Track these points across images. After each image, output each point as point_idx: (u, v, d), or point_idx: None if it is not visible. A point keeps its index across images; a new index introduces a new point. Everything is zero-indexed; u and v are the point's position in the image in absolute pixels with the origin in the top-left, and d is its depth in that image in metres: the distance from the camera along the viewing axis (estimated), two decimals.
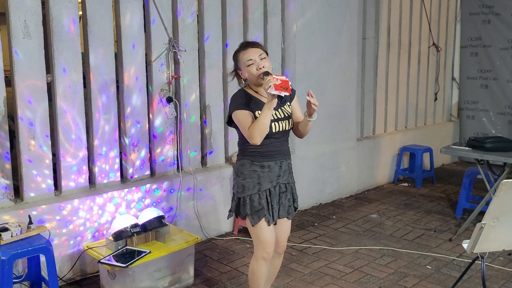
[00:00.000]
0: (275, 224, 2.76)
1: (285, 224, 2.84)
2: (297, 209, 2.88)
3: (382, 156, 6.16)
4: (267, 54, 2.68)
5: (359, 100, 5.87)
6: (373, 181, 6.07)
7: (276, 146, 2.70)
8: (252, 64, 2.61)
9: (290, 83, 2.55)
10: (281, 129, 2.68)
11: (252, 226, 2.70)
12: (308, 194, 5.22)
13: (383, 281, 3.57)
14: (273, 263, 2.94)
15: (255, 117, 2.60)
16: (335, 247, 4.19)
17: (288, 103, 2.74)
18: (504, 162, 4.27)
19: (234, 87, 4.51)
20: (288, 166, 2.78)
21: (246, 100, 2.66)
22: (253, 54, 2.63)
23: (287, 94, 2.48)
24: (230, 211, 2.82)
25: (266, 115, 2.52)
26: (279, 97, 2.49)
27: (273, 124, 2.63)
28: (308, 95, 2.58)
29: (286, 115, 2.72)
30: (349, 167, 5.66)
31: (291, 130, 2.82)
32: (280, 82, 2.48)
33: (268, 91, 2.46)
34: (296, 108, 2.83)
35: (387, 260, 3.93)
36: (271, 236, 2.72)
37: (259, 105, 2.65)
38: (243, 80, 2.75)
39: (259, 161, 2.68)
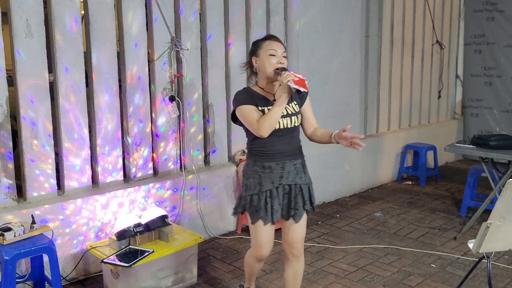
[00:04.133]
0: (273, 223, 2.69)
1: (295, 227, 2.72)
2: (314, 211, 2.81)
3: (386, 154, 6.13)
4: None
5: (362, 98, 5.85)
6: (376, 180, 6.05)
7: (277, 146, 2.62)
8: (274, 55, 2.58)
9: (307, 82, 2.52)
10: (282, 127, 2.60)
11: (252, 224, 2.70)
12: None
13: (387, 280, 3.56)
14: (293, 268, 2.82)
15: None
16: (338, 246, 4.18)
17: (295, 102, 2.69)
18: (508, 160, 4.24)
19: (236, 84, 4.52)
20: (295, 166, 2.68)
21: (250, 96, 2.63)
22: (278, 47, 2.61)
23: (306, 90, 2.50)
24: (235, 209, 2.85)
25: (280, 107, 2.51)
26: (297, 91, 2.49)
27: None
28: (355, 140, 2.55)
29: (290, 112, 2.64)
30: (353, 165, 5.64)
31: (303, 130, 2.79)
32: (298, 79, 2.49)
33: (287, 83, 2.46)
34: (308, 111, 2.78)
35: (391, 259, 3.92)
36: (267, 238, 2.72)
37: (264, 102, 2.63)
38: (254, 72, 2.70)
39: (260, 161, 2.65)
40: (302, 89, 2.47)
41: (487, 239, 2.37)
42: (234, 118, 2.74)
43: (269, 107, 2.60)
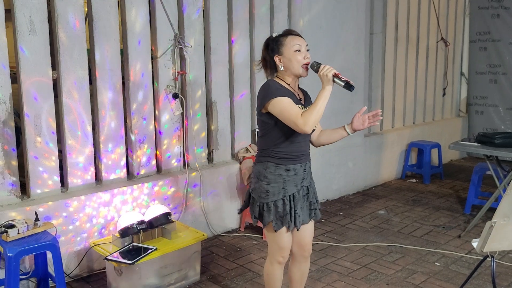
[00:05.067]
0: (297, 229, 2.60)
1: (308, 227, 2.68)
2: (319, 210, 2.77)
3: (390, 152, 6.11)
4: None
5: (366, 95, 5.83)
6: (380, 177, 6.03)
7: (302, 147, 2.55)
8: (300, 51, 2.47)
9: (341, 75, 2.40)
10: None
11: (275, 231, 2.56)
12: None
13: (390, 278, 3.55)
14: (301, 268, 2.80)
15: None
16: (342, 244, 4.17)
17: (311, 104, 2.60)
18: None
19: (240, 82, 4.51)
20: (310, 167, 2.66)
21: (285, 90, 2.47)
22: (301, 42, 2.50)
23: (353, 83, 2.36)
24: (254, 217, 2.62)
25: (325, 100, 2.36)
26: (347, 84, 2.35)
27: None
28: (376, 115, 2.57)
29: None
30: (356, 163, 5.63)
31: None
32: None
33: (334, 78, 2.35)
34: None
35: (395, 257, 3.90)
36: (289, 241, 2.64)
37: (295, 99, 2.49)
38: (277, 68, 2.53)
39: (284, 164, 2.51)
40: (352, 82, 2.34)
41: (491, 238, 2.35)
42: (259, 112, 2.53)
43: (299, 106, 2.47)
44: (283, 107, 2.40)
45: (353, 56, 5.36)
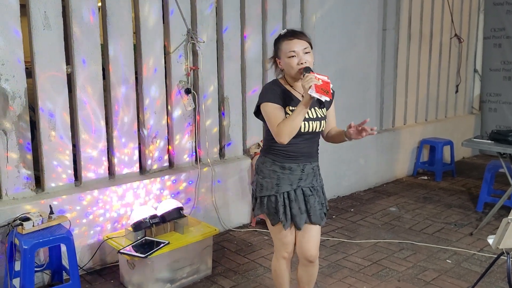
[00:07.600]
0: (298, 229, 2.60)
1: (312, 230, 2.62)
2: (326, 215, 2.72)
3: (402, 149, 6.08)
4: (311, 47, 2.47)
5: (379, 92, 5.80)
6: (392, 174, 6.01)
7: (302, 148, 2.52)
8: (294, 56, 2.40)
9: (331, 85, 2.32)
10: (311, 130, 2.48)
11: (272, 225, 2.60)
12: (326, 187, 5.04)
13: (402, 275, 3.54)
14: (307, 271, 2.76)
15: (285, 113, 2.43)
16: (353, 240, 4.17)
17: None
18: None
19: (252, 77, 4.52)
20: (313, 169, 2.60)
21: (279, 93, 2.46)
22: (297, 46, 2.41)
23: (328, 99, 2.27)
24: (253, 209, 2.71)
25: (299, 114, 2.33)
26: (318, 100, 2.34)
27: (303, 123, 2.43)
28: (369, 130, 2.43)
29: (320, 116, 2.52)
30: (368, 160, 5.61)
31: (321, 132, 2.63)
32: (322, 83, 2.26)
33: (308, 92, 2.25)
34: (332, 113, 2.68)
35: (406, 254, 3.89)
36: (291, 236, 2.65)
37: (292, 101, 2.47)
38: (281, 70, 2.55)
39: (280, 161, 2.52)
40: (324, 98, 2.25)
41: (507, 235, 2.34)
42: (257, 111, 2.56)
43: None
44: (267, 113, 2.43)
45: (366, 52, 5.34)
